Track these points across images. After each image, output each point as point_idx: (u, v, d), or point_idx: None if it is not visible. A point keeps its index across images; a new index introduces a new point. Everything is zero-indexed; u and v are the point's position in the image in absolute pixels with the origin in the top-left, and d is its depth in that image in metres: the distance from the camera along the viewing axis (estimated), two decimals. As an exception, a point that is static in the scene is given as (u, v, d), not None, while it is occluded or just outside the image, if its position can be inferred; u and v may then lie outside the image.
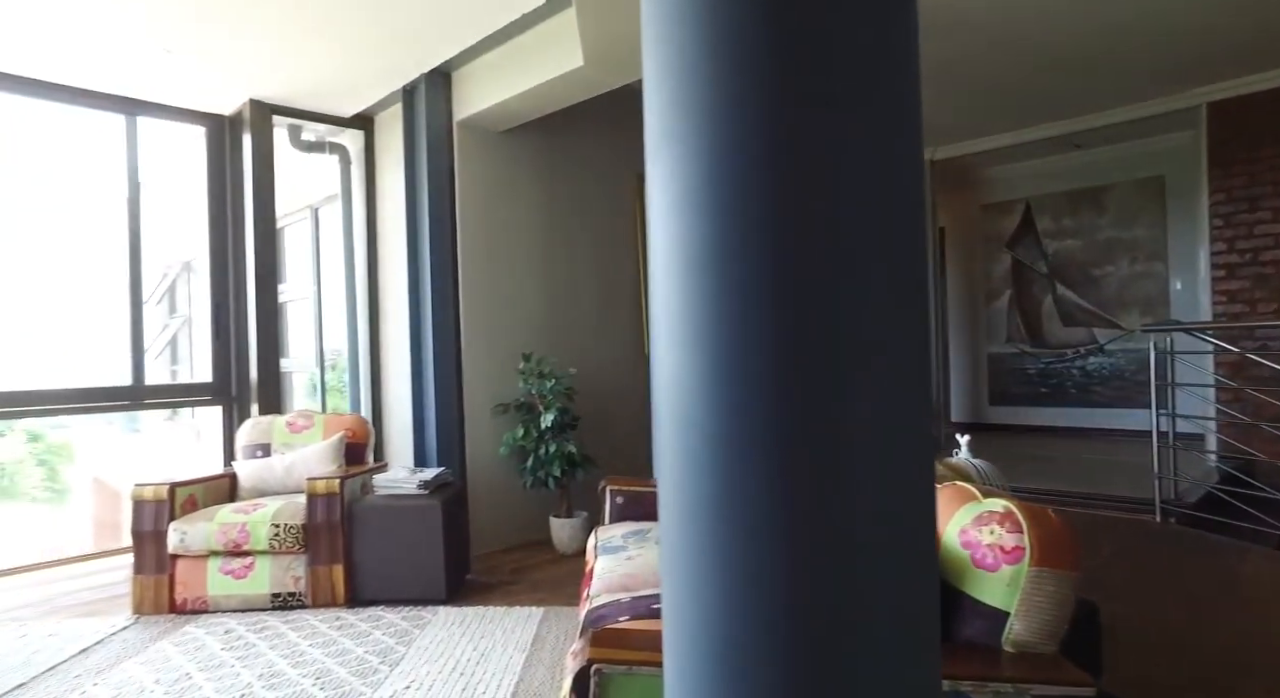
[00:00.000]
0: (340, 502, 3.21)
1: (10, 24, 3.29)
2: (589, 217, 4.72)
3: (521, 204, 4.40)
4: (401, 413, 4.41)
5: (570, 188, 4.63)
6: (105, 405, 4.47)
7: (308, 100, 4.38)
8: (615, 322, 4.81)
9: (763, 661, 0.57)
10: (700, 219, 0.62)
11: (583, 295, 4.65)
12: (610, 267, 4.82)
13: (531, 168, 4.45)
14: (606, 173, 4.83)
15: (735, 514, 0.59)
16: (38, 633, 2.99)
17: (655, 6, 0.62)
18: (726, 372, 0.59)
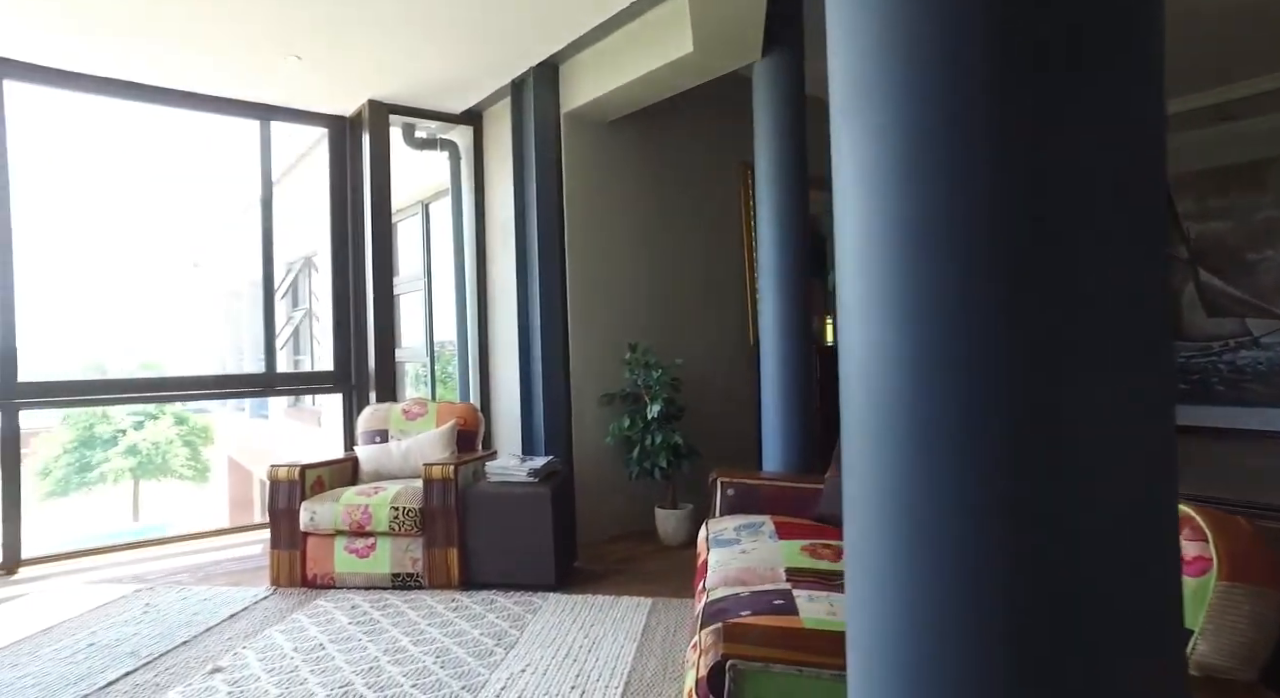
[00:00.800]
0: (455, 487, 3.30)
1: (162, 41, 3.54)
2: (693, 206, 4.67)
3: (627, 194, 4.39)
4: (509, 402, 4.51)
5: (674, 177, 4.59)
6: (242, 391, 4.81)
7: (421, 99, 4.53)
8: (719, 311, 4.74)
9: (971, 679, 0.51)
10: (909, 191, 0.55)
11: (687, 285, 4.61)
12: (714, 256, 4.75)
13: (637, 158, 4.44)
14: (711, 161, 4.76)
15: (945, 509, 0.53)
16: (195, 596, 3.24)
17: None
18: (939, 354, 0.53)
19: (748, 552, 2.31)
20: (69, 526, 17.30)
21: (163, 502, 19.00)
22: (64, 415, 16.96)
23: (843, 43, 0.57)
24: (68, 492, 17.34)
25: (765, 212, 3.45)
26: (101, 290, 35.38)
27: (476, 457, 3.64)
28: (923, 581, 0.55)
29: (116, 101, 4.14)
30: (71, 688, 2.38)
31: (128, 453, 17.35)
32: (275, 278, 4.87)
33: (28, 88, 3.88)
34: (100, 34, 3.51)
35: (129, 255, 38.91)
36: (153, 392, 4.74)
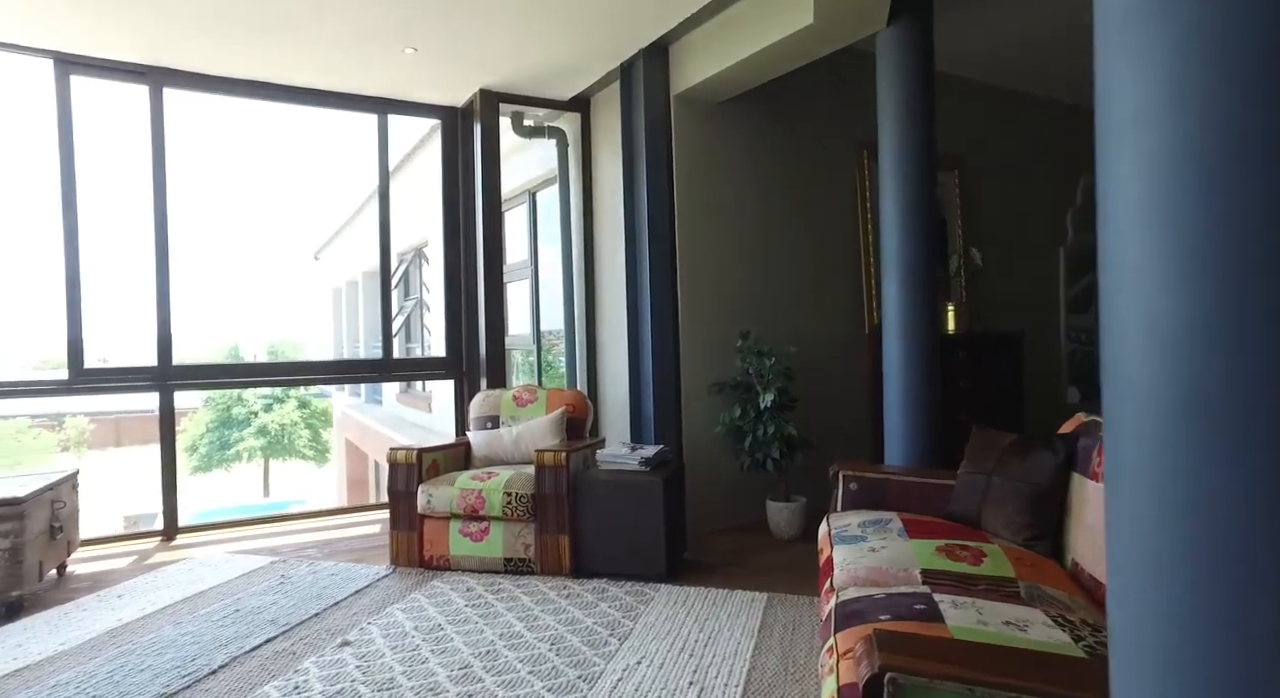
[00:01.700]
0: (566, 474, 3.30)
1: (290, 41, 3.70)
2: (806, 188, 4.49)
3: (738, 177, 4.27)
4: (617, 389, 4.49)
5: (786, 159, 4.42)
6: (361, 377, 5.01)
7: (530, 86, 4.55)
8: (832, 298, 4.54)
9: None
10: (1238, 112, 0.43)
11: (799, 271, 4.44)
12: (828, 240, 4.55)
13: (748, 140, 4.30)
14: (825, 141, 4.55)
15: (1252, 512, 0.41)
16: (323, 571, 3.39)
17: None
18: (1253, 333, 0.40)
19: (877, 550, 2.17)
20: (213, 497, 18.87)
21: (289, 479, 20.40)
22: (206, 397, 18.45)
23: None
24: (210, 467, 18.90)
25: (889, 193, 3.24)
26: (235, 281, 38.26)
27: (586, 444, 3.63)
28: (1222, 592, 0.43)
29: (249, 102, 4.37)
30: (223, 650, 2.53)
31: (258, 433, 18.70)
32: (390, 267, 5.03)
33: (181, 94, 4.15)
34: (237, 38, 3.70)
35: (257, 248, 41.88)
36: (282, 376, 5.00)
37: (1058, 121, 5.60)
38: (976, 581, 1.92)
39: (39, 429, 17.43)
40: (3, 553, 2.96)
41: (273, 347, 21.16)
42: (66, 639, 2.70)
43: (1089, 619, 1.59)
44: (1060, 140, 5.57)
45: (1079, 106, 5.71)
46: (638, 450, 3.45)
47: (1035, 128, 5.53)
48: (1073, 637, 1.46)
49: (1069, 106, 5.64)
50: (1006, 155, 5.36)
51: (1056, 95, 5.54)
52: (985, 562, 2.03)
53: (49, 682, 2.35)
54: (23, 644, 2.67)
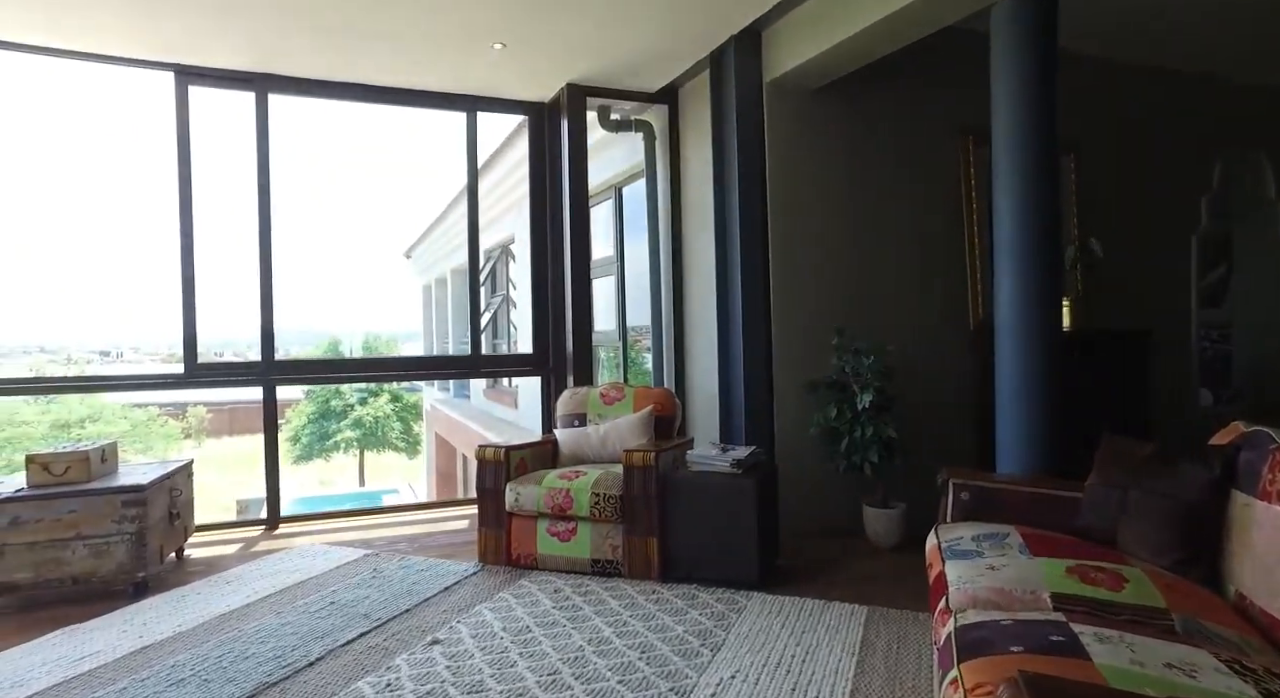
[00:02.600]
0: (655, 475, 3.21)
1: (384, 41, 3.76)
2: (904, 177, 4.24)
3: (832, 167, 4.07)
4: (706, 388, 4.38)
5: (883, 146, 4.19)
6: (451, 373, 5.10)
7: (618, 79, 4.48)
8: (934, 293, 4.28)
9: None
10: None
11: (897, 264, 4.20)
12: (928, 231, 4.29)
13: (842, 128, 4.10)
14: (924, 127, 4.29)
15: None
16: (414, 566, 3.44)
17: None
18: None
19: (997, 568, 1.98)
20: (314, 485, 19.87)
21: (383, 469, 21.27)
22: (307, 391, 19.44)
23: None
24: (311, 457, 19.92)
25: (1005, 181, 2.99)
26: (333, 278, 40.31)
27: (675, 444, 3.54)
28: None
29: (345, 104, 4.49)
30: (320, 642, 2.57)
31: (354, 425, 19.57)
32: (478, 264, 5.07)
33: (283, 99, 4.30)
34: (336, 43, 3.79)
35: (354, 246, 44.01)
36: (374, 372, 5.15)
37: (1188, 94, 5.10)
38: (1118, 609, 1.72)
39: (166, 417, 18.77)
40: (128, 537, 3.12)
41: (368, 342, 22.08)
42: (182, 622, 2.81)
43: (1275, 668, 1.37)
44: (1191, 116, 5.07)
45: (1213, 76, 5.17)
46: (729, 451, 3.33)
47: (1162, 103, 5.04)
48: (1260, 691, 1.25)
49: (1201, 76, 5.12)
50: (1129, 136, 4.92)
51: (1188, 65, 5.03)
52: (1127, 587, 1.81)
53: (168, 661, 2.45)
54: (147, 624, 2.81)
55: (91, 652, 2.58)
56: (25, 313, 37.89)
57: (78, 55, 3.90)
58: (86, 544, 3.08)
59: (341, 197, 37.86)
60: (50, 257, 35.29)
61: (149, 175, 21.55)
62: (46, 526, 3.04)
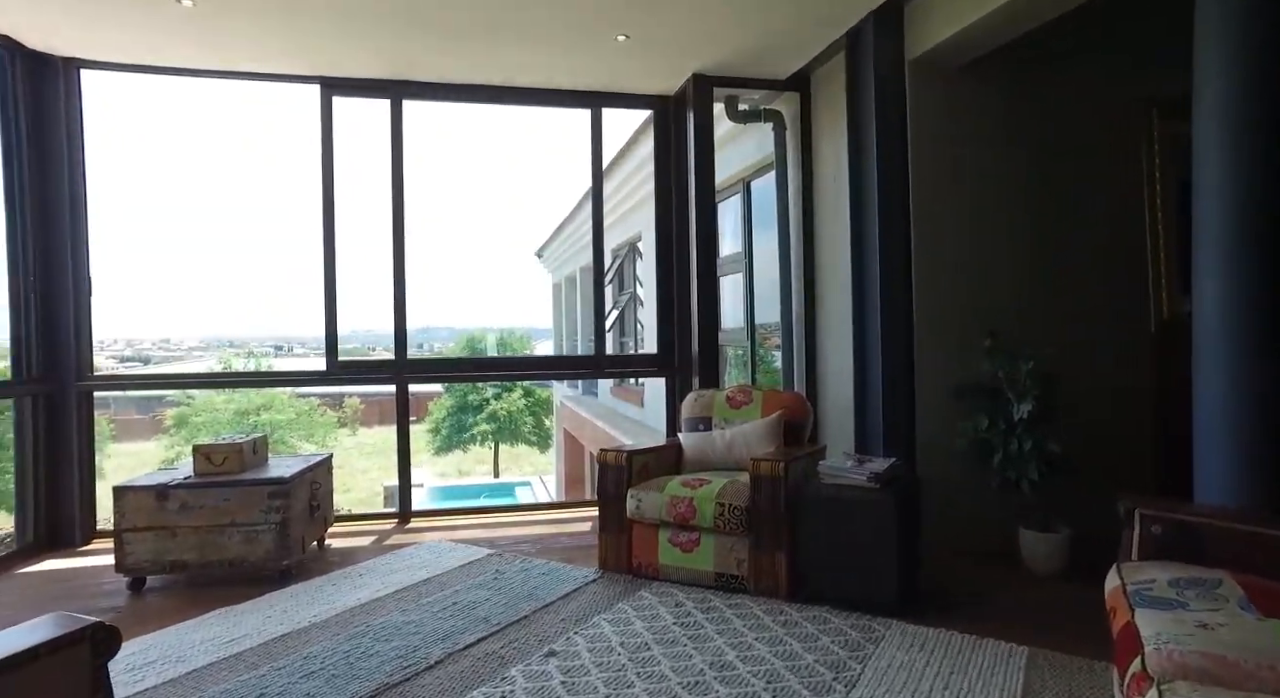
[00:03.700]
0: (784, 486, 3.00)
1: (508, 40, 3.76)
2: (1070, 159, 3.76)
3: (984, 152, 3.67)
4: (839, 392, 4.09)
5: (1043, 126, 3.73)
6: (577, 373, 5.09)
7: (746, 67, 4.27)
8: (1105, 290, 3.77)
9: None
10: None
11: (1061, 258, 3.73)
12: (1099, 221, 3.78)
13: (996, 107, 3.69)
14: (1095, 102, 3.78)
15: None
16: (535, 570, 3.42)
17: None
18: None
19: (1212, 628, 1.62)
20: (453, 475, 20.97)
21: (516, 461, 22.10)
22: (447, 384, 20.49)
23: None
24: (450, 448, 21.01)
25: (1210, 157, 2.52)
26: (468, 278, 42.50)
27: (806, 453, 3.30)
28: None
29: (475, 106, 4.57)
30: (440, 644, 2.58)
31: (489, 419, 20.42)
32: (603, 263, 5.02)
33: (416, 104, 4.44)
34: (467, 46, 3.84)
35: (487, 246, 46.21)
36: (502, 371, 5.23)
37: None
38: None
39: (324, 407, 20.41)
40: (274, 526, 3.30)
41: (503, 339, 23.00)
42: (319, 612, 2.92)
43: None
44: None
45: None
46: (866, 463, 3.05)
47: None
48: None
49: None
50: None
51: None
52: None
53: (303, 651, 2.54)
54: (288, 611, 2.94)
55: (241, 634, 2.72)
56: (216, 311, 42.62)
57: (240, 75, 4.20)
58: (240, 531, 3.28)
59: (476, 198, 39.87)
60: (232, 258, 39.56)
61: (301, 182, 23.47)
62: (208, 512, 3.27)
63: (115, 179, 30.35)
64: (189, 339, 29.73)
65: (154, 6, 3.40)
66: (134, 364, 26.86)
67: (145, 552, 3.23)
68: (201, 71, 4.15)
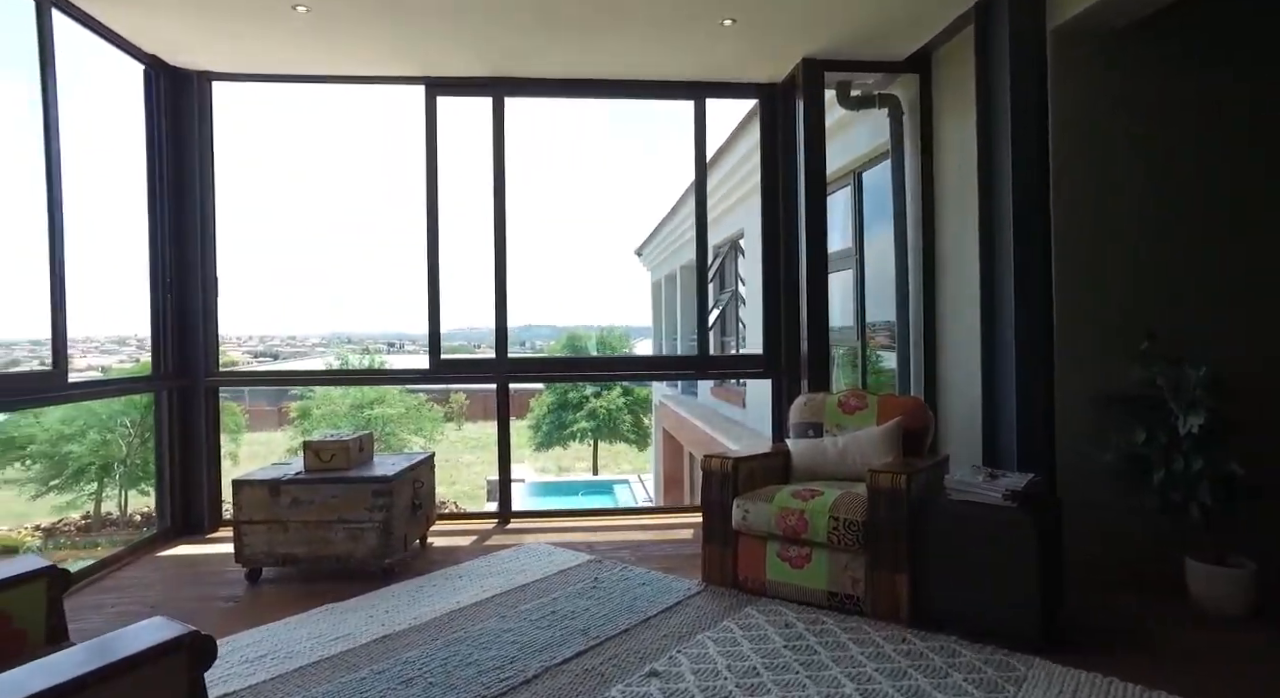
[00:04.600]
0: (906, 500, 2.74)
1: (611, 30, 3.65)
2: (1261, 136, 3.26)
3: (1145, 131, 3.25)
4: (962, 398, 3.75)
5: (1227, 98, 3.25)
6: (679, 373, 4.96)
7: (859, 49, 3.99)
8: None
9: None
10: None
11: (1238, 247, 3.25)
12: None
13: (1163, 77, 3.25)
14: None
15: None
16: (635, 578, 3.29)
17: None
18: None
19: None
20: (553, 471, 21.34)
21: (615, 458, 22.24)
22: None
23: None
24: (550, 445, 21.39)
25: None
26: (569, 277, 43.44)
27: (929, 464, 3.01)
28: None
29: (572, 102, 4.51)
30: (538, 656, 2.49)
31: (589, 416, 20.62)
32: (707, 260, 4.85)
33: (517, 102, 4.42)
34: (568, 39, 3.77)
35: (587, 245, 47.11)
36: (602, 371, 5.16)
37: None
38: None
39: (431, 402, 21.23)
40: (377, 525, 3.32)
41: (601, 338, 23.19)
42: (419, 614, 2.90)
43: None
44: None
45: None
46: (999, 478, 2.74)
47: None
48: None
49: None
50: None
51: None
52: None
53: (401, 656, 2.51)
54: (389, 611, 2.94)
55: (344, 633, 2.73)
56: (336, 309, 45.40)
57: (351, 79, 4.31)
58: (345, 528, 3.32)
59: (577, 195, 40.63)
60: (351, 257, 42.01)
61: (407, 182, 24.55)
62: (316, 508, 3.33)
63: (245, 183, 32.87)
64: (313, 336, 31.71)
65: (275, 17, 3.51)
66: (266, 359, 28.95)
67: (260, 544, 3.33)
68: (317, 77, 4.29)
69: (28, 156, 3.31)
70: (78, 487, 13.05)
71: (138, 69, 4.06)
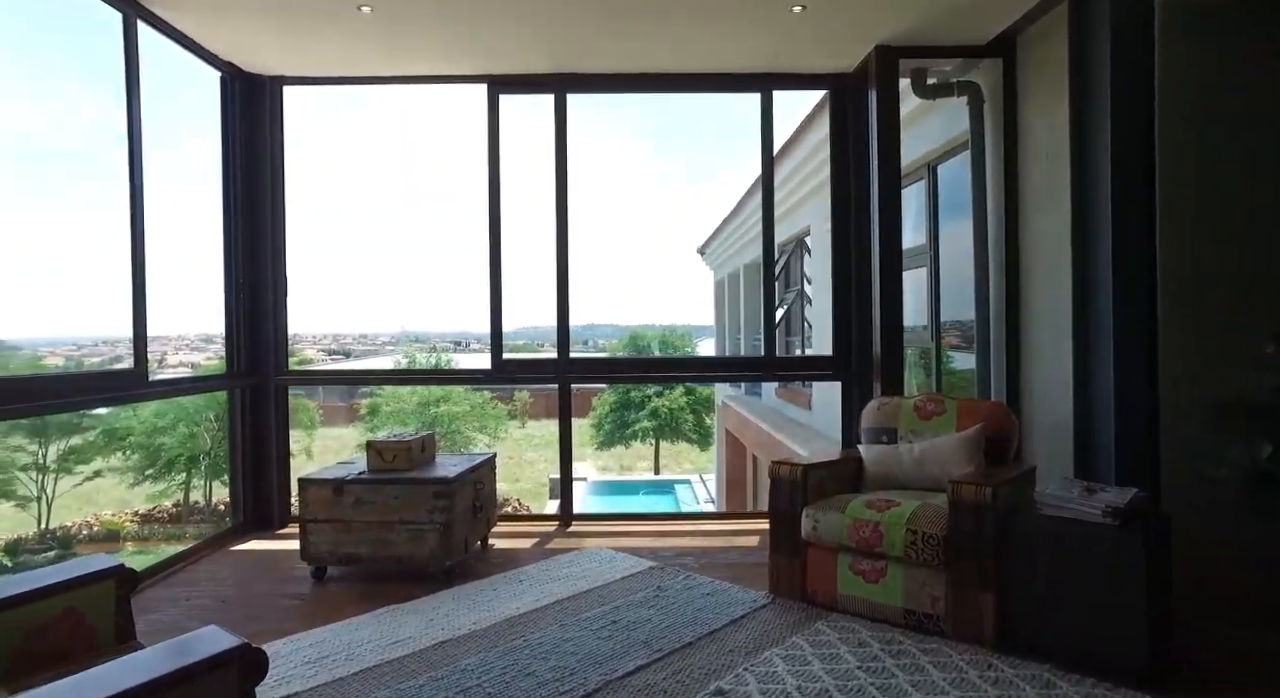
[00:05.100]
0: (992, 514, 2.54)
1: (675, 19, 3.55)
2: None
3: (1265, 107, 2.94)
4: (1050, 404, 3.50)
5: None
6: (744, 375, 4.82)
7: (937, 33, 3.77)
8: None
9: None
10: None
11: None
12: None
13: (1271, 54, 2.94)
14: None
15: None
16: (699, 588, 3.17)
17: None
18: None
19: None
20: (614, 470, 21.37)
21: (675, 460, 22.13)
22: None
23: None
24: (612, 444, 21.44)
25: None
26: (631, 275, 43.47)
27: (1015, 475, 2.80)
28: None
29: (635, 100, 4.43)
30: (598, 669, 2.40)
31: (650, 416, 20.57)
32: (773, 257, 4.69)
33: (579, 98, 4.36)
34: (631, 30, 3.68)
35: (651, 243, 47.04)
36: (663, 372, 5.07)
37: None
38: None
39: (496, 400, 21.56)
40: (438, 527, 3.31)
41: (664, 337, 23.09)
42: (478, 619, 2.86)
43: None
44: None
45: None
46: (1098, 493, 2.52)
47: None
48: None
49: None
50: None
51: None
52: None
53: (460, 663, 2.46)
54: (449, 616, 2.91)
55: (404, 636, 2.70)
56: (405, 307, 46.71)
57: (414, 79, 4.33)
58: (407, 529, 3.32)
59: (639, 193, 40.76)
60: (420, 257, 43.13)
61: (470, 181, 24.96)
62: (378, 508, 3.33)
63: (320, 185, 34.16)
64: (383, 334, 32.71)
65: (340, 18, 3.54)
66: (339, 357, 29.98)
67: (325, 542, 3.35)
68: (382, 78, 4.32)
69: (115, 164, 3.43)
70: (169, 477, 13.80)
71: (214, 76, 4.17)
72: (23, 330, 17.06)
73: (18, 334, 15.32)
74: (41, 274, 17.28)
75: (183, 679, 1.23)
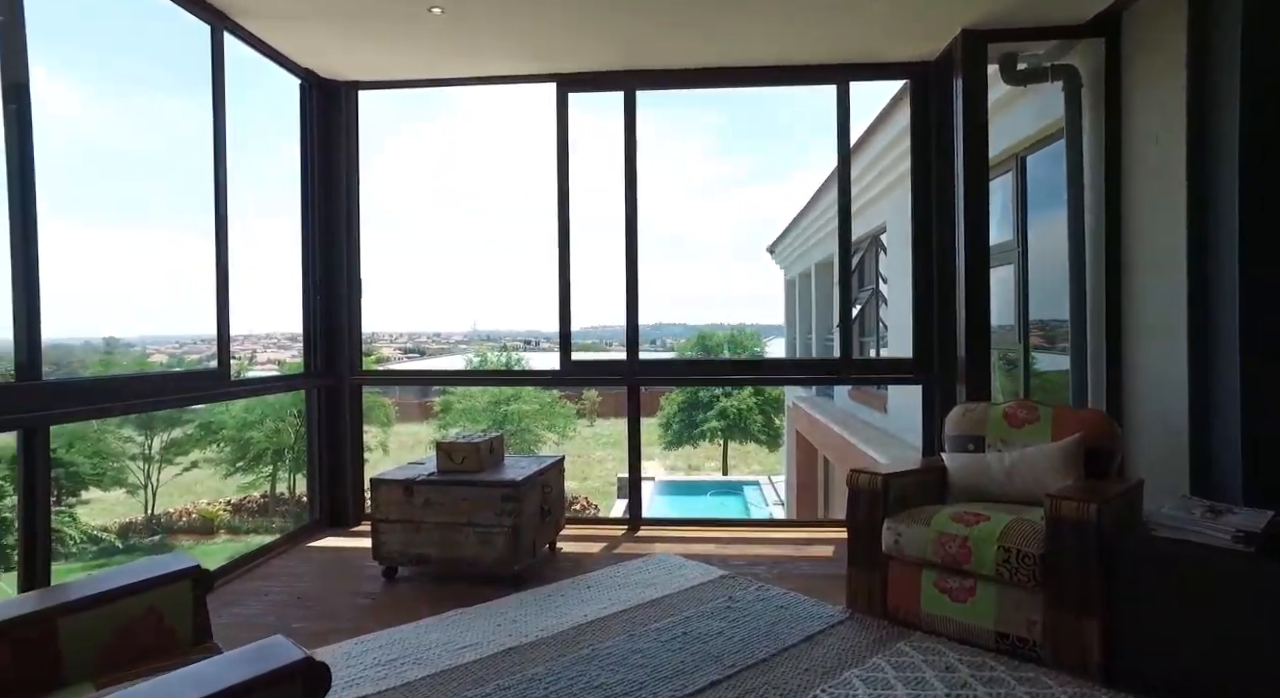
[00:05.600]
0: (1097, 534, 2.33)
1: (743, 15, 3.42)
2: None
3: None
4: (1157, 411, 3.22)
5: None
6: (819, 377, 4.65)
7: (1029, 14, 3.53)
8: None
9: None
10: None
11: None
12: None
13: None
14: None
15: None
16: (773, 600, 3.04)
17: None
18: None
19: None
20: (683, 470, 21.29)
21: (743, 460, 21.85)
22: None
23: None
24: (680, 444, 21.34)
25: None
26: (701, 275, 43.28)
27: (1121, 490, 2.56)
28: None
29: (702, 91, 4.32)
30: (668, 684, 2.32)
31: (719, 416, 20.37)
32: (849, 254, 4.50)
33: (649, 95, 4.29)
34: (702, 22, 3.58)
35: (723, 240, 46.76)
36: (733, 374, 4.94)
37: None
38: None
39: (565, 399, 21.76)
40: (507, 530, 3.28)
41: (733, 337, 22.83)
42: (546, 626, 2.81)
43: None
44: None
45: None
46: (1224, 515, 2.28)
47: None
48: None
49: None
50: None
51: None
52: None
53: (527, 672, 2.42)
54: (517, 621, 2.87)
55: (472, 641, 2.68)
56: (478, 306, 47.85)
57: (485, 80, 4.34)
58: (475, 531, 3.31)
59: (707, 192, 40.65)
60: (492, 257, 44.08)
61: (540, 180, 25.37)
62: (447, 509, 3.34)
63: (397, 188, 35.29)
64: (456, 333, 33.58)
65: (412, 20, 3.56)
66: (414, 355, 30.90)
67: (395, 542, 3.38)
68: (453, 80, 4.35)
69: (203, 169, 3.55)
70: (257, 469, 14.54)
71: (294, 83, 4.28)
72: (134, 329, 18.23)
73: (130, 333, 16.43)
74: (149, 277, 18.39)
75: (243, 694, 1.21)
